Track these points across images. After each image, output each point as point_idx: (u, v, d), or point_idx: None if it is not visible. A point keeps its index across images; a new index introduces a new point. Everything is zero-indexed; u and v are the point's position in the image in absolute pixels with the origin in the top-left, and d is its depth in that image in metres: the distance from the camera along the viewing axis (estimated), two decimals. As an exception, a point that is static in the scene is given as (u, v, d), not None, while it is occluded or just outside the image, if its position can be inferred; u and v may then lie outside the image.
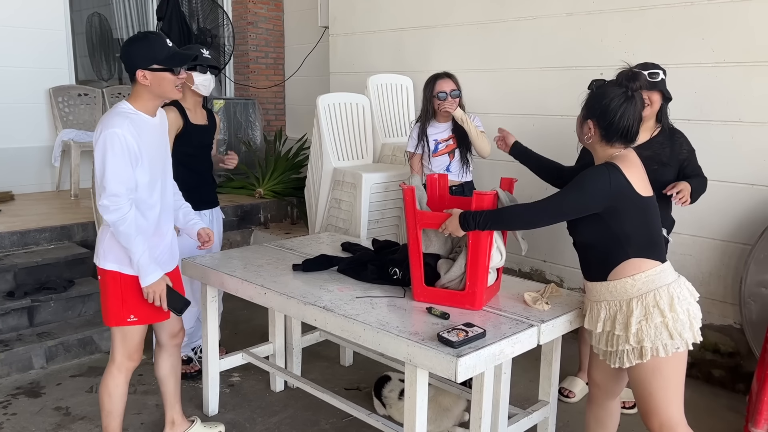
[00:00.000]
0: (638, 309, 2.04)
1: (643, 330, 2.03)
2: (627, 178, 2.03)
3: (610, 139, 2.10)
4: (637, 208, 2.07)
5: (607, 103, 2.07)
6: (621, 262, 2.08)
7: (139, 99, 2.32)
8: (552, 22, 3.97)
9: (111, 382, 2.48)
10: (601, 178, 2.03)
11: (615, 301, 2.10)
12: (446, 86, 3.41)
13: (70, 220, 4.43)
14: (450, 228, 2.25)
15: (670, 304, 2.03)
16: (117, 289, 2.36)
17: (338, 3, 5.37)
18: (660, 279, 2.06)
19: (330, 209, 4.27)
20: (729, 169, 3.33)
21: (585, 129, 2.15)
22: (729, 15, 3.25)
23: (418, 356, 1.98)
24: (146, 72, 2.26)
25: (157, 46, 2.27)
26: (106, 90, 5.94)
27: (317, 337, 3.47)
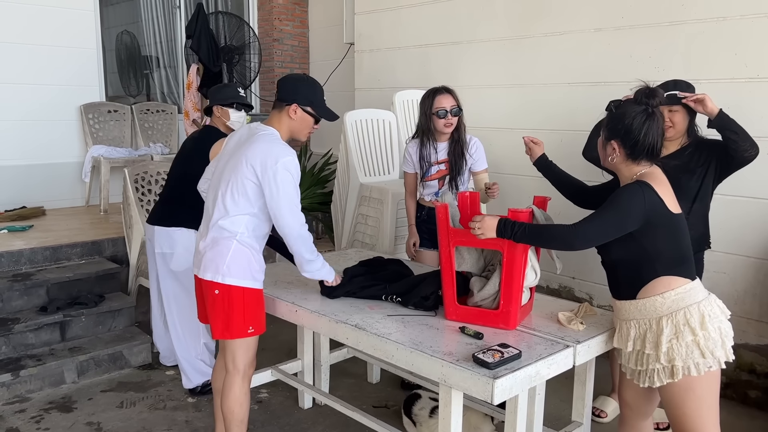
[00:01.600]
0: (668, 327, 2.02)
1: (674, 349, 2.01)
2: (660, 196, 2.03)
3: (636, 158, 2.11)
4: (669, 225, 2.06)
5: (629, 122, 2.08)
6: (651, 281, 2.07)
7: (280, 129, 2.50)
8: (580, 38, 3.95)
9: (240, 391, 2.55)
10: (636, 197, 2.02)
11: (645, 319, 2.08)
12: (446, 102, 3.23)
13: (101, 236, 4.50)
14: (484, 228, 2.18)
15: (701, 322, 2.00)
16: (240, 303, 2.46)
17: (363, 19, 5.41)
18: (690, 297, 2.04)
19: (356, 225, 4.27)
20: (763, 185, 3.27)
21: (609, 150, 2.15)
22: (762, 30, 3.21)
23: (453, 377, 1.96)
24: (299, 109, 2.46)
25: (319, 95, 2.54)
26: (135, 107, 6.04)
27: (345, 354, 3.47)
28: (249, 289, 2.46)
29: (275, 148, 2.38)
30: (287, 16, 6.63)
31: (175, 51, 6.76)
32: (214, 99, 3.41)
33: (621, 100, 2.21)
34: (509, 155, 4.38)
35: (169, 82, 6.87)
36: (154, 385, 3.57)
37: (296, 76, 2.59)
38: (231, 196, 2.41)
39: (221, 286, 2.43)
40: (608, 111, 2.19)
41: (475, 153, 3.34)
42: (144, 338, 3.85)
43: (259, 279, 2.50)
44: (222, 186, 2.45)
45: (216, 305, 2.47)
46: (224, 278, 2.43)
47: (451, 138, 3.31)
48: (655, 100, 2.10)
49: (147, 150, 5.80)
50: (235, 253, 2.42)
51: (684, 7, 3.47)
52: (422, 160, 3.31)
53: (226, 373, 2.55)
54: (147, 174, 4.27)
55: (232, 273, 2.43)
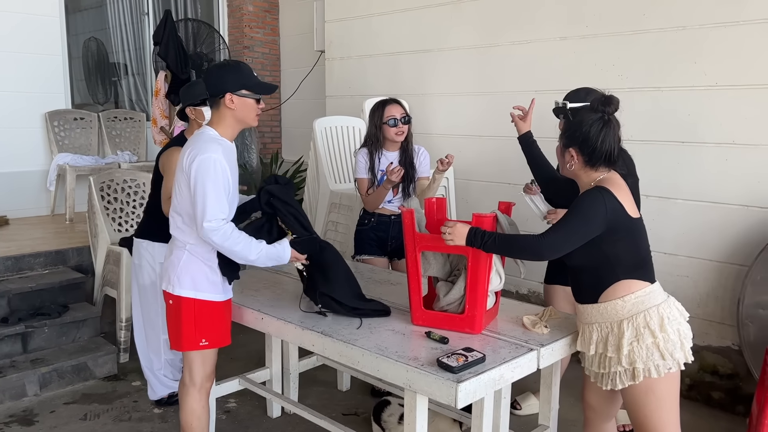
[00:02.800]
0: (629, 330, 2.05)
1: (635, 351, 2.04)
2: (619, 201, 2.07)
3: (595, 164, 2.14)
4: (628, 229, 2.10)
5: (587, 129, 2.12)
6: (611, 284, 2.10)
7: (221, 124, 2.38)
8: (546, 46, 4.01)
9: (197, 405, 2.49)
10: (597, 203, 2.06)
11: (606, 323, 2.11)
12: (396, 112, 3.28)
13: (65, 245, 4.41)
14: (454, 235, 2.19)
15: (661, 325, 2.04)
16: (191, 314, 2.38)
17: (334, 27, 5.42)
18: (650, 300, 2.07)
19: (327, 232, 4.26)
20: (724, 190, 3.35)
21: (567, 157, 2.18)
22: (720, 39, 3.29)
23: (417, 382, 1.96)
24: (234, 96, 2.33)
25: (246, 74, 2.38)
26: (102, 114, 5.95)
27: (314, 362, 3.45)
28: (201, 301, 2.38)
29: (197, 145, 2.30)
30: (258, 23, 6.62)
31: (143, 58, 6.69)
32: (185, 100, 3.20)
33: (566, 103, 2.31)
34: (479, 162, 4.42)
35: (138, 89, 6.79)
36: (119, 397, 3.51)
37: (218, 66, 2.45)
38: (177, 200, 2.37)
39: (173, 296, 2.39)
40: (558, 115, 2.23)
41: (423, 161, 3.41)
42: (109, 349, 3.78)
43: (213, 290, 2.41)
44: (172, 197, 2.41)
45: (169, 316, 2.44)
46: (174, 289, 2.38)
47: (401, 147, 3.35)
48: (610, 108, 2.14)
49: (114, 158, 5.72)
50: (185, 263, 2.36)
51: (645, 17, 3.55)
52: (373, 170, 3.32)
53: (182, 386, 2.51)
54: (113, 182, 4.22)
55: (182, 284, 2.37)
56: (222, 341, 2.48)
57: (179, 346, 2.44)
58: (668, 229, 3.51)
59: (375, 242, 3.39)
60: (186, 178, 2.31)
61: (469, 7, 4.42)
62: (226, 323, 2.50)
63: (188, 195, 2.32)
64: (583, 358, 2.26)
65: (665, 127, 3.53)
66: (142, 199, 4.32)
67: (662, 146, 3.54)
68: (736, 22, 3.24)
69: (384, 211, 3.38)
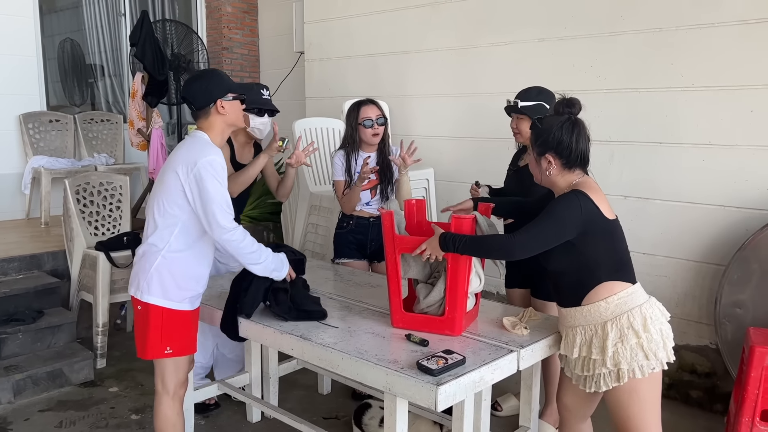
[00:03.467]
0: (613, 331, 2.06)
1: (620, 352, 2.05)
2: (595, 203, 2.07)
3: (572, 166, 2.15)
4: (606, 231, 2.11)
5: (559, 133, 2.13)
6: (593, 287, 2.10)
7: (211, 132, 2.39)
8: (525, 48, 4.02)
9: (170, 412, 2.46)
10: (572, 205, 2.06)
11: (590, 325, 2.11)
12: (372, 113, 3.26)
13: (40, 249, 4.33)
14: (429, 248, 2.22)
15: (644, 325, 2.05)
16: (158, 322, 2.35)
17: (313, 28, 5.40)
18: (632, 300, 2.08)
19: (307, 234, 4.24)
20: (701, 191, 3.38)
21: (544, 164, 2.17)
22: (696, 41, 3.33)
23: (397, 385, 1.95)
24: (224, 102, 2.36)
25: (226, 79, 2.44)
26: (78, 116, 5.86)
27: (294, 366, 3.42)
28: (169, 310, 2.35)
29: (195, 149, 2.31)
30: (237, 24, 6.57)
31: (120, 59, 6.61)
32: None
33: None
34: (458, 163, 4.43)
35: (115, 91, 6.71)
36: (95, 403, 3.45)
37: (197, 78, 2.46)
38: (158, 209, 2.34)
39: (141, 303, 2.36)
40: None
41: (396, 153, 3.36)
42: (86, 354, 3.72)
43: (181, 299, 2.38)
44: (153, 201, 2.38)
45: (137, 322, 2.41)
46: (143, 295, 2.35)
47: (378, 148, 3.33)
48: (575, 109, 2.17)
49: (91, 161, 5.64)
50: (156, 270, 2.33)
51: (623, 19, 3.57)
52: (350, 172, 3.30)
53: (156, 394, 2.47)
54: (89, 185, 4.15)
55: (151, 290, 2.34)
56: (187, 350, 2.45)
57: (143, 354, 2.40)
58: (646, 230, 3.54)
59: (354, 245, 3.37)
60: (183, 184, 2.29)
61: (447, 8, 4.42)
62: (192, 332, 2.47)
63: (183, 202, 2.30)
64: (563, 360, 2.27)
65: (643, 128, 3.56)
66: (119, 202, 4.26)
67: (640, 147, 3.56)
68: (711, 24, 3.27)
69: (363, 213, 3.35)
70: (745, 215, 3.25)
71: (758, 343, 2.64)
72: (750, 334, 2.80)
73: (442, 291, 2.28)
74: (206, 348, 3.29)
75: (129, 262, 3.91)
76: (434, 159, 4.53)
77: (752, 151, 3.21)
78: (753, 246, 3.05)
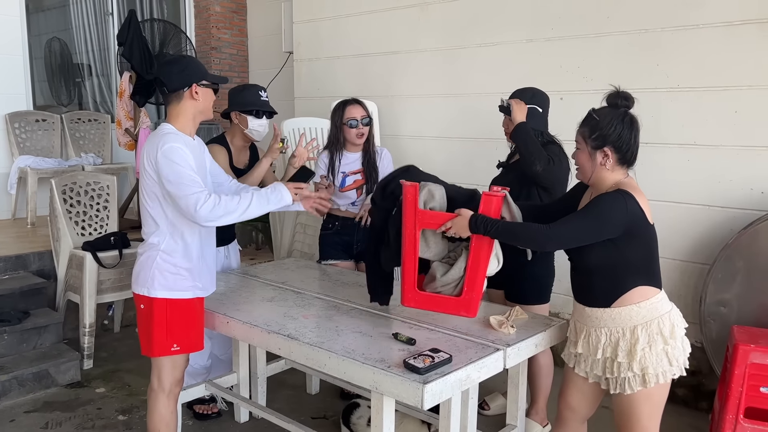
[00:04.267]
0: (643, 336, 2.06)
1: (647, 357, 2.05)
2: (640, 206, 2.05)
3: (626, 162, 2.12)
4: (647, 235, 2.10)
5: (620, 127, 2.09)
6: (628, 290, 2.09)
7: (181, 119, 2.36)
8: (513, 48, 4.04)
9: (165, 410, 2.45)
10: (618, 205, 2.03)
11: (618, 327, 2.10)
12: (357, 113, 3.25)
13: (26, 249, 4.30)
14: (456, 227, 2.17)
15: (671, 332, 2.07)
16: (163, 317, 2.34)
17: (302, 28, 5.39)
18: (662, 307, 2.10)
19: (296, 234, 4.23)
20: (686, 190, 3.41)
21: (599, 157, 2.11)
22: (681, 42, 3.36)
23: (384, 384, 1.95)
24: (198, 87, 2.33)
25: (203, 67, 2.42)
26: (65, 116, 5.82)
27: (283, 365, 3.41)
28: (174, 301, 2.36)
29: (155, 141, 2.28)
30: (225, 24, 6.55)
31: (108, 59, 6.57)
32: (232, 104, 3.11)
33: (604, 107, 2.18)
34: (447, 163, 4.43)
35: (102, 90, 6.67)
36: (82, 404, 3.43)
37: (174, 61, 2.41)
38: (146, 208, 2.35)
39: (145, 299, 2.36)
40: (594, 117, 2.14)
41: (384, 163, 3.39)
42: (72, 355, 3.70)
43: (185, 288, 2.39)
44: (141, 201, 2.39)
45: (140, 320, 2.41)
46: (148, 290, 2.35)
47: (363, 149, 3.33)
48: (630, 102, 2.13)
49: (78, 160, 5.60)
50: (159, 265, 2.34)
51: (609, 20, 3.60)
52: (333, 171, 3.29)
53: (150, 391, 2.47)
54: (76, 185, 4.13)
55: (154, 285, 2.34)
56: (195, 346, 2.45)
57: (150, 352, 2.39)
58: (633, 229, 3.56)
59: (340, 246, 3.37)
60: (153, 178, 2.28)
61: (436, 9, 4.43)
62: (199, 326, 2.47)
63: (163, 199, 2.29)
64: (573, 359, 2.26)
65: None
66: (106, 202, 4.24)
67: (626, 147, 3.58)
68: (696, 25, 3.30)
69: (348, 214, 3.36)
70: (729, 215, 3.28)
71: (742, 341, 2.67)
72: (734, 332, 2.83)
73: (462, 270, 2.23)
74: (206, 348, 3.27)
75: (116, 263, 3.90)
76: (423, 159, 4.52)
77: (736, 151, 3.24)
78: (737, 245, 3.08)
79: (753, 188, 3.21)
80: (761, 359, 2.61)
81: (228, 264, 3.28)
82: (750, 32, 3.15)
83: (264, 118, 3.08)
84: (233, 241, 3.36)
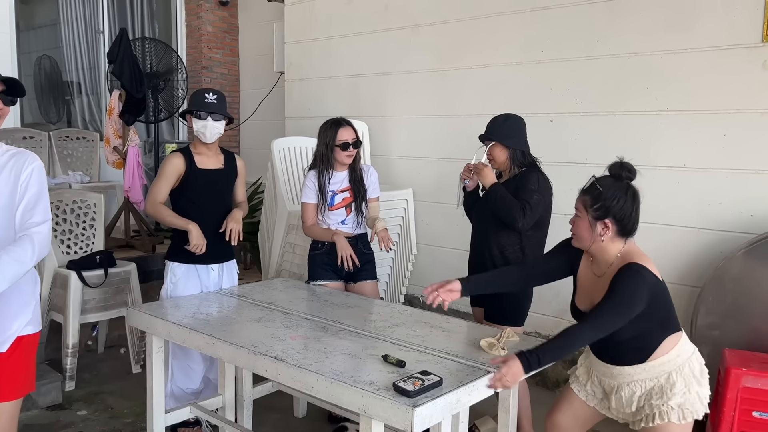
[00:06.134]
0: (679, 381, 2.10)
1: (688, 400, 2.08)
2: (654, 274, 2.09)
3: (626, 235, 2.15)
4: (663, 292, 2.13)
5: (623, 200, 2.11)
6: (659, 344, 2.12)
7: None
8: (503, 70, 4.06)
9: None
10: (640, 285, 2.05)
11: (653, 378, 2.13)
12: (348, 135, 3.23)
13: (10, 268, 4.22)
14: (511, 376, 2.06)
15: (701, 372, 2.14)
16: (32, 353, 2.21)
17: (293, 49, 5.40)
18: (687, 349, 2.16)
19: (284, 254, 4.19)
20: (676, 213, 3.42)
21: (599, 228, 2.13)
22: (671, 66, 3.39)
23: (373, 407, 1.91)
24: None
25: None
26: (53, 133, 5.78)
27: (269, 388, 3.35)
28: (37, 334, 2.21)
29: None
30: (217, 44, 6.56)
31: (98, 77, 6.56)
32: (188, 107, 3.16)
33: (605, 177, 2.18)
34: (437, 183, 4.43)
35: (92, 108, 6.64)
36: (63, 427, 3.34)
37: None
38: None
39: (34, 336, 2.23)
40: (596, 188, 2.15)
41: (371, 180, 3.38)
42: (54, 377, 3.61)
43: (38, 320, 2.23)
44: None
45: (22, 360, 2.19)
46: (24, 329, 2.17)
47: (350, 166, 3.33)
48: (633, 174, 2.15)
49: (65, 178, 5.55)
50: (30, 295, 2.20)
51: (599, 43, 3.63)
52: (323, 191, 3.28)
53: None
54: (62, 203, 4.07)
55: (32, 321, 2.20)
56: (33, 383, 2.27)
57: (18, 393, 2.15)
58: (623, 251, 3.55)
59: (330, 266, 3.33)
60: None
61: (427, 31, 4.46)
62: None
63: None
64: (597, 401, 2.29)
65: (619, 151, 3.53)
66: (93, 220, 4.18)
67: (616, 169, 3.59)
68: (684, 49, 3.33)
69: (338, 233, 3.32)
70: (719, 237, 3.28)
71: (734, 365, 2.65)
72: (725, 355, 2.81)
73: None
74: (196, 373, 3.23)
75: (101, 282, 3.84)
76: (413, 179, 4.53)
77: (725, 174, 3.26)
78: (727, 268, 3.08)
79: (743, 211, 3.22)
80: (753, 383, 2.60)
81: (221, 285, 3.24)
82: (738, 56, 3.18)
83: (209, 119, 3.04)
84: (232, 259, 3.33)
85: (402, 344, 2.38)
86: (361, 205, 3.31)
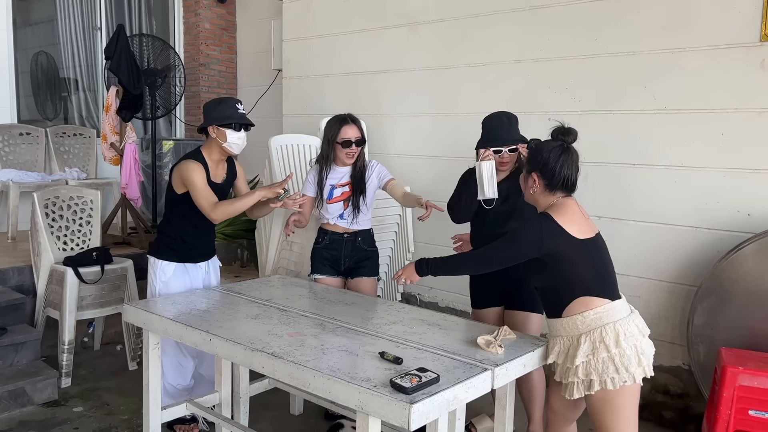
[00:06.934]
0: (586, 344, 2.18)
1: (591, 364, 2.17)
2: (559, 224, 2.20)
3: (553, 189, 2.30)
4: (576, 250, 2.22)
5: (547, 155, 2.29)
6: (570, 302, 2.22)
7: None
8: (501, 69, 4.06)
9: None
10: (532, 227, 2.23)
11: (568, 336, 2.24)
12: (352, 134, 3.20)
13: (6, 264, 4.22)
14: (407, 274, 2.51)
15: (616, 341, 2.15)
16: None
17: (292, 46, 5.40)
18: (608, 316, 2.18)
19: (281, 251, 4.18)
20: (674, 212, 3.42)
21: (530, 182, 2.35)
22: (669, 65, 3.39)
23: (370, 404, 1.90)
24: None
25: None
26: (50, 129, 5.76)
27: (266, 385, 3.34)
28: None
29: None
30: (215, 41, 6.55)
31: (95, 73, 6.54)
32: (209, 118, 3.02)
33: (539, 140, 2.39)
34: (435, 181, 4.42)
35: (89, 105, 6.61)
36: (58, 424, 3.33)
37: None
38: None
39: None
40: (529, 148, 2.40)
41: (377, 168, 3.34)
42: (50, 373, 3.60)
43: None
44: None
45: None
46: None
47: (353, 163, 3.31)
48: (568, 137, 2.31)
49: (62, 175, 5.53)
50: None
51: (597, 42, 3.63)
52: (321, 184, 3.28)
53: None
54: (59, 199, 4.07)
55: None
56: None
57: None
58: (621, 250, 3.54)
59: (328, 261, 3.33)
60: None
61: (425, 29, 4.45)
62: None
63: None
64: (555, 366, 2.38)
65: (617, 149, 3.60)
66: (89, 216, 4.17)
67: (615, 168, 3.60)
68: (683, 48, 3.34)
69: (337, 228, 3.33)
70: (716, 236, 3.29)
71: (730, 364, 2.65)
72: (722, 354, 2.81)
73: None
74: (187, 369, 3.22)
75: (98, 278, 3.83)
76: (411, 177, 4.53)
77: (723, 173, 3.26)
78: (724, 267, 3.08)
79: (740, 210, 3.23)
80: (750, 382, 2.60)
81: (208, 281, 3.23)
82: (736, 56, 3.19)
83: (242, 131, 3.02)
84: (213, 256, 3.32)
85: (399, 341, 2.37)
86: (359, 201, 3.30)
